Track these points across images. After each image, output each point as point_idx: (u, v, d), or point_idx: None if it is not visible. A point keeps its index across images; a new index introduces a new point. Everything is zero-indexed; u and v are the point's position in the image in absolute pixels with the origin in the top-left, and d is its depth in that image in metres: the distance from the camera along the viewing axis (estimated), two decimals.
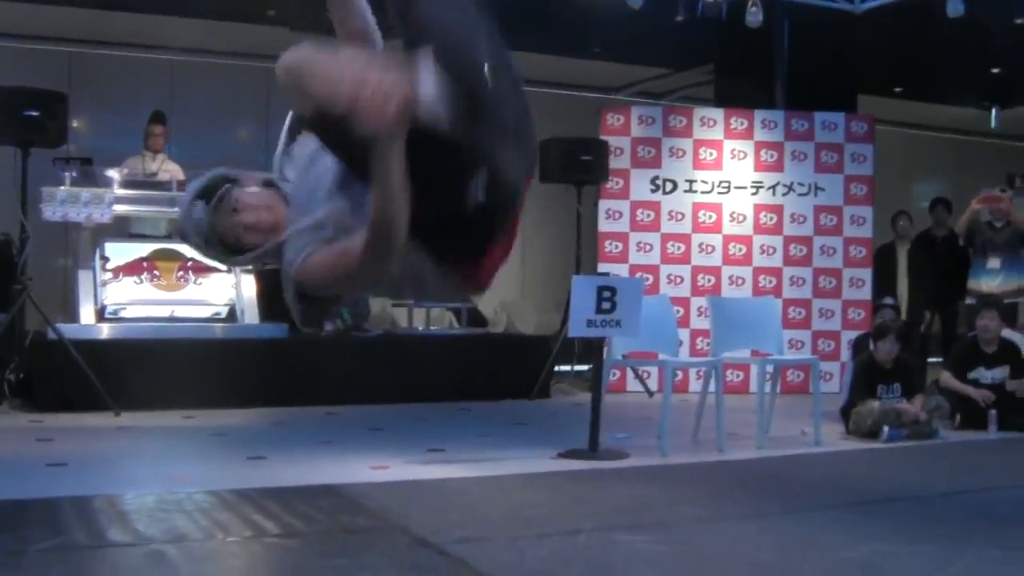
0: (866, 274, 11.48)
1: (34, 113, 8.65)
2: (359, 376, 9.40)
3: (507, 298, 14.01)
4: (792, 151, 11.55)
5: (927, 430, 7.80)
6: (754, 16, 10.82)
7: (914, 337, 10.54)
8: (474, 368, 9.91)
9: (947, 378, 8.62)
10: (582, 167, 10.78)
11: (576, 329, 6.60)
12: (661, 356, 7.58)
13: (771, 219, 11.44)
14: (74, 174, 8.96)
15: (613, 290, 6.45)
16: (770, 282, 11.30)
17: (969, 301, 10.10)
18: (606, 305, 6.43)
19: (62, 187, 8.84)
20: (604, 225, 11.28)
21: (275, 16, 12.06)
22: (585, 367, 10.68)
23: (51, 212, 8.79)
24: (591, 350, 7.31)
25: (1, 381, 8.74)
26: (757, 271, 11.34)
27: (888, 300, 10.21)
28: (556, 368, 10.65)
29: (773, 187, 11.48)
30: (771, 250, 11.39)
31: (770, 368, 8.10)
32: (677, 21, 10.87)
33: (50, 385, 8.51)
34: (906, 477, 6.44)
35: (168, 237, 9.94)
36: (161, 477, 5.96)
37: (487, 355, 10.23)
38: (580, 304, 6.44)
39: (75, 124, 10.80)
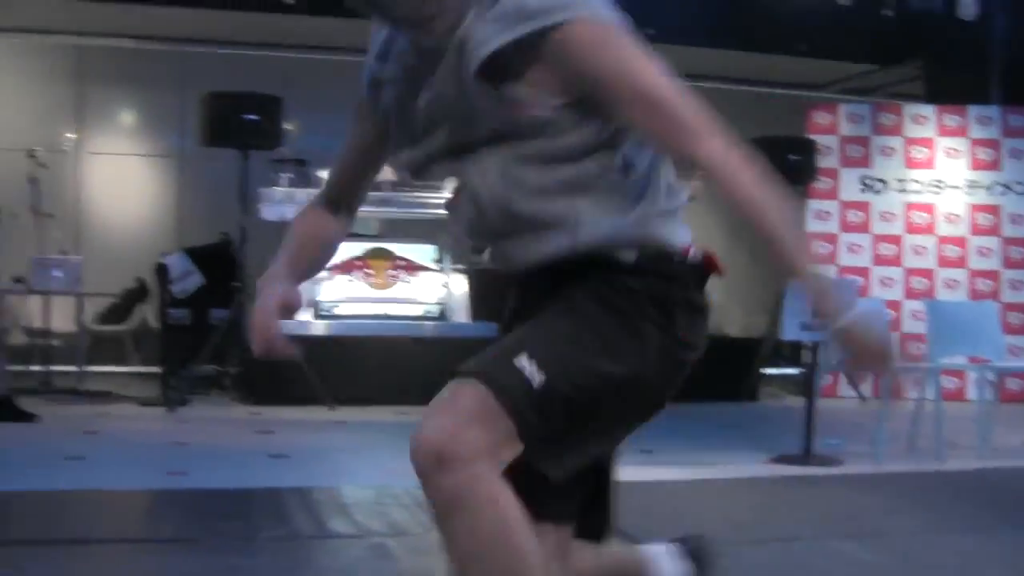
0: None
1: (253, 117, 8.96)
2: None
3: (712, 299, 13.88)
4: (1010, 148, 11.14)
5: None
6: (967, 8, 10.48)
7: None
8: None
9: None
10: (789, 167, 10.61)
11: (790, 332, 6.51)
12: None
13: (988, 220, 11.05)
14: (290, 175, 9.25)
15: None
16: (987, 286, 10.91)
17: None
18: None
19: (279, 188, 9.14)
20: (813, 226, 11.07)
21: None
22: (794, 370, 10.52)
23: (269, 212, 9.10)
24: (801, 353, 7.20)
25: (223, 374, 9.12)
26: (973, 274, 10.96)
27: None
28: (764, 371, 10.51)
29: (989, 186, 11.09)
30: (988, 252, 11.00)
31: (990, 375, 7.84)
32: (885, 15, 10.61)
33: (268, 379, 8.81)
34: None
35: (380, 236, 10.16)
36: (377, 470, 6.09)
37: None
38: (794, 307, 6.34)
39: (290, 127, 11.10)
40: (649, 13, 11.21)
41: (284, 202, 9.15)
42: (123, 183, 12.88)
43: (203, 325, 9.19)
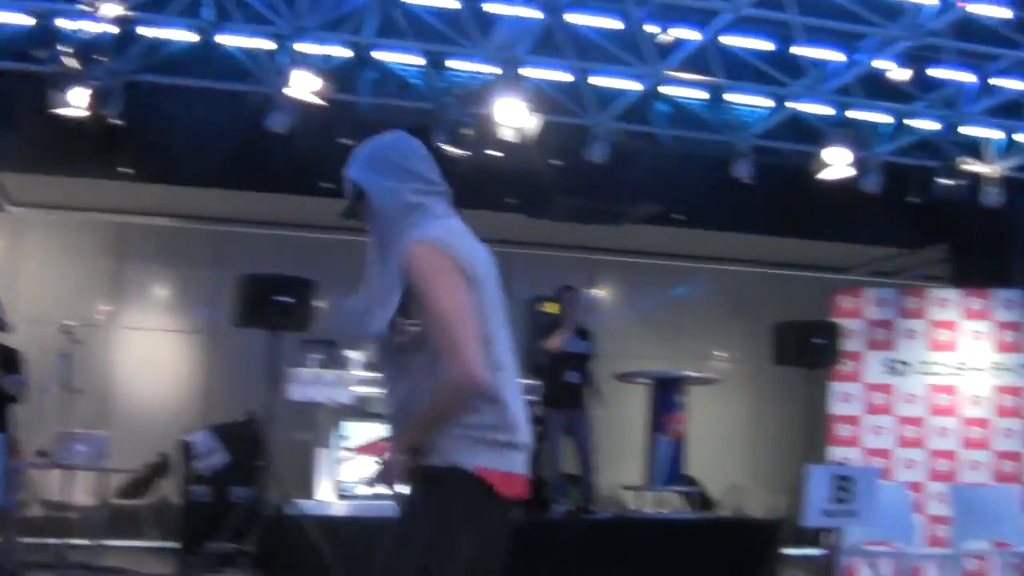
0: None
1: (285, 299, 9.10)
2: (587, 559, 9.33)
3: (737, 480, 13.80)
4: None
5: None
6: (993, 197, 10.64)
7: None
8: (703, 552, 9.74)
9: None
10: (814, 350, 10.66)
11: (811, 519, 6.49)
12: (898, 546, 7.35)
13: (1012, 401, 11.03)
14: (320, 356, 9.34)
15: (849, 479, 6.34)
16: (1013, 467, 10.83)
17: None
18: (842, 495, 6.31)
19: (307, 368, 9.22)
20: (836, 408, 11.09)
21: (513, 204, 12.50)
22: (815, 551, 10.39)
23: (297, 393, 9.16)
24: (822, 535, 7.15)
25: (242, 553, 9.08)
26: (998, 456, 10.89)
27: None
28: (785, 552, 10.37)
29: (1014, 368, 11.09)
30: (1013, 433, 10.95)
31: (1015, 560, 7.74)
32: (912, 202, 10.78)
33: (288, 558, 8.75)
34: None
35: None
36: None
37: (714, 538, 10.06)
38: (816, 493, 6.34)
39: (320, 305, 11.27)
40: (679, 199, 11.51)
41: (312, 383, 9.21)
42: (154, 358, 13.05)
43: (224, 503, 9.19)
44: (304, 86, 9.28)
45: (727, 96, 10.76)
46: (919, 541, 9.66)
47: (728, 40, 10.13)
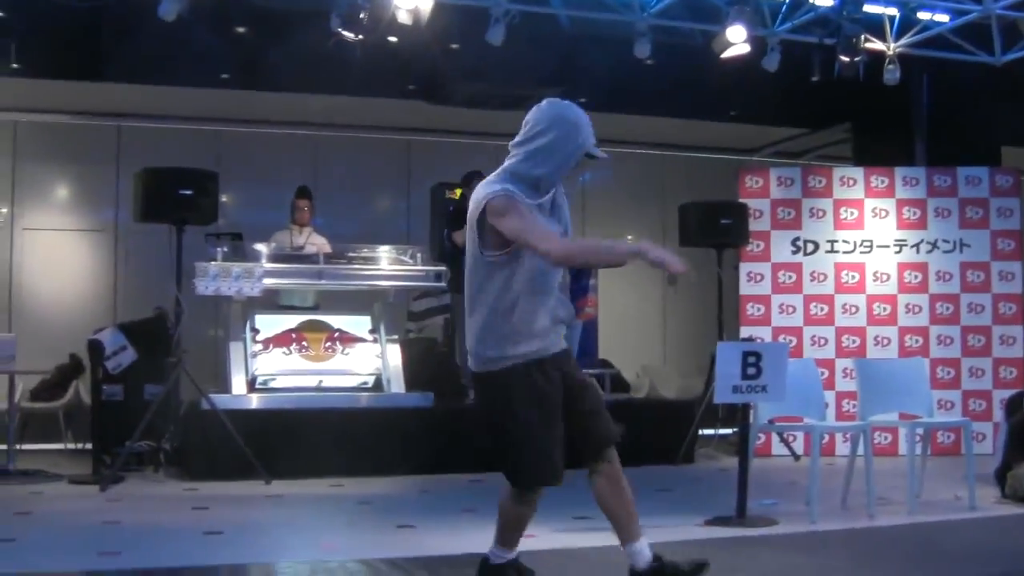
0: (1017, 331, 11.19)
1: (188, 192, 8.97)
2: None
3: (649, 362, 13.97)
4: (935, 208, 11.38)
5: None
6: (892, 74, 10.72)
7: None
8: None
9: None
10: (722, 231, 10.76)
11: (722, 395, 6.56)
12: (807, 420, 7.50)
13: (916, 277, 11.26)
14: (225, 249, 9.23)
15: (758, 355, 6.41)
16: (916, 342, 11.10)
17: None
18: (751, 371, 6.39)
19: (214, 262, 9.11)
20: (745, 288, 11.23)
21: (414, 90, 12.35)
22: (729, 431, 10.59)
23: (204, 287, 9.05)
24: (735, 414, 7.26)
25: (158, 450, 9.04)
26: (903, 331, 11.15)
27: None
28: (700, 432, 10.57)
29: (917, 245, 11.30)
30: (917, 309, 11.20)
31: (920, 430, 7.94)
32: (813, 81, 10.82)
33: (204, 454, 8.76)
34: None
35: (316, 308, 10.16)
36: (313, 545, 6.07)
37: (630, 420, 10.16)
38: (725, 370, 6.41)
39: (225, 199, 11.12)
40: (581, 82, 11.41)
41: (219, 276, 9.10)
42: (58, 259, 12.82)
43: (137, 401, 9.11)
44: None
45: None
46: (830, 416, 9.91)
47: None
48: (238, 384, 9.24)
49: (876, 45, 10.66)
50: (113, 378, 9.17)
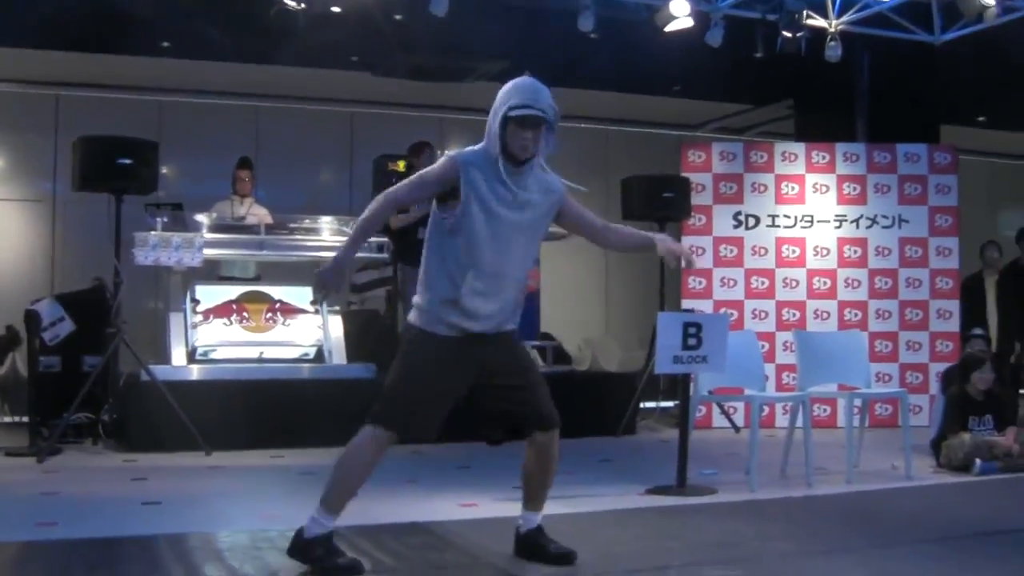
0: (953, 306, 11.35)
1: (127, 161, 8.85)
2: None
3: (591, 335, 14.02)
4: (875, 184, 11.49)
5: (1021, 463, 7.67)
6: (833, 50, 10.79)
7: (1005, 368, 10.39)
8: (559, 405, 9.86)
9: None
10: (664, 204, 10.78)
11: (662, 366, 6.58)
12: (747, 391, 7.56)
13: (855, 252, 11.37)
14: (165, 219, 9.14)
15: (698, 326, 6.44)
16: (856, 316, 11.23)
17: None
18: (692, 341, 6.42)
19: (153, 232, 9.02)
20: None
21: (357, 61, 12.27)
22: (671, 403, 10.66)
23: (143, 257, 8.98)
24: (676, 386, 7.30)
25: (96, 422, 8.95)
26: (842, 305, 11.26)
27: (978, 331, 10.06)
28: (642, 404, 10.63)
29: (856, 220, 11.42)
30: (856, 283, 11.32)
31: (858, 402, 8.04)
32: (756, 57, 10.87)
33: (143, 425, 8.68)
34: (1000, 511, 6.34)
35: (257, 279, 10.10)
36: (252, 515, 6.04)
37: (572, 392, 10.20)
38: (666, 340, 6.43)
39: (165, 170, 11.03)
40: (526, 56, 11.38)
41: (159, 246, 9.02)
42: None
43: (75, 372, 9.02)
44: None
45: None
46: (771, 388, 10.01)
47: None
48: (178, 355, 9.17)
49: (818, 22, 10.74)
50: (50, 349, 9.05)
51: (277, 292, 9.73)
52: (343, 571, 4.45)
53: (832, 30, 10.77)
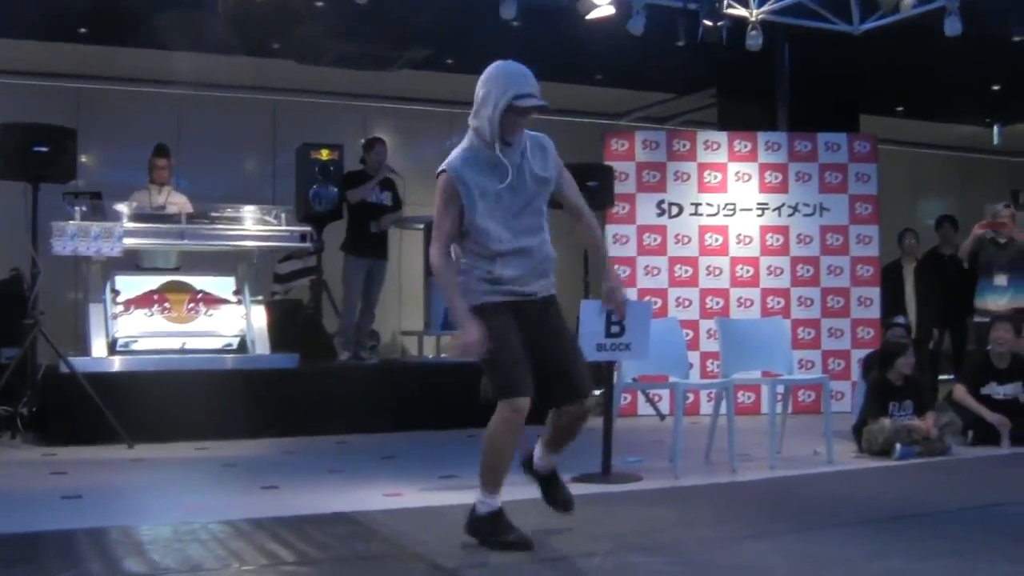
0: (874, 293, 11.50)
1: (44, 149, 8.70)
2: (368, 405, 9.40)
3: None
4: (796, 172, 11.60)
5: (940, 447, 7.81)
6: (754, 39, 10.87)
7: (924, 354, 10.56)
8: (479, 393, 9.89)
9: (961, 393, 8.60)
10: (587, 193, 10.74)
11: (587, 353, 6.59)
12: (671, 379, 7.60)
13: (777, 240, 11.48)
14: (84, 208, 8.99)
15: None
16: (778, 303, 11.34)
17: (977, 319, 10.08)
18: (615, 329, 6.45)
19: (72, 221, 8.86)
20: (611, 250, 11.30)
21: (280, 49, 12.16)
22: (595, 391, 10.67)
23: (61, 246, 8.81)
24: (601, 374, 7.31)
25: (14, 415, 8.79)
26: (765, 292, 11.37)
27: (899, 319, 10.21)
28: None
29: (779, 208, 11.53)
30: (778, 271, 11.43)
31: (780, 388, 8.12)
32: (678, 46, 10.92)
33: (63, 418, 8.54)
34: (919, 494, 6.45)
35: (178, 269, 9.98)
36: (175, 508, 5.97)
37: None
38: (589, 328, 6.45)
39: (84, 159, 10.85)
40: (450, 44, 11.36)
41: (77, 236, 8.86)
42: None
43: None
44: None
45: None
46: (695, 375, 10.08)
47: None
48: (98, 347, 9.03)
49: (739, 11, 10.81)
50: None
51: (199, 282, 9.61)
52: (511, 547, 4.74)
53: (753, 19, 10.85)
